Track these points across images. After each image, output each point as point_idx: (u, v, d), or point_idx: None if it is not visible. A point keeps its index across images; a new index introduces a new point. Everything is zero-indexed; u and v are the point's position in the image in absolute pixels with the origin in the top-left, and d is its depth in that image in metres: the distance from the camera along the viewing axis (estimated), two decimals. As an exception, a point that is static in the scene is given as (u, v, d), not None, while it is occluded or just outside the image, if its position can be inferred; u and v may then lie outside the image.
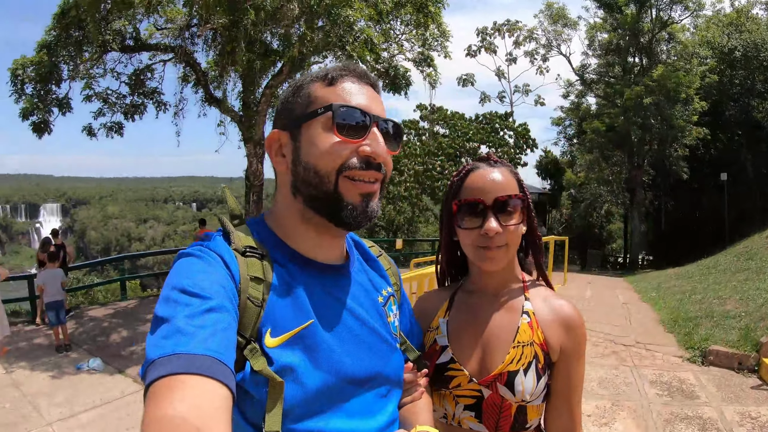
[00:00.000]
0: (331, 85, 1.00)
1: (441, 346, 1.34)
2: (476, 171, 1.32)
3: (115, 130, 14.30)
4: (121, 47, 12.99)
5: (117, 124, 14.30)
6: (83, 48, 12.23)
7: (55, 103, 13.03)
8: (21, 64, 12.78)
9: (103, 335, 9.42)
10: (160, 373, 0.70)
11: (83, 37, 11.98)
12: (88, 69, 13.32)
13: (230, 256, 0.91)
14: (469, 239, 1.29)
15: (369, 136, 0.97)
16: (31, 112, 12.84)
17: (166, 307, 0.80)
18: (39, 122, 12.96)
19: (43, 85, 12.83)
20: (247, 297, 0.89)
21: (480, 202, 1.26)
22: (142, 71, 14.11)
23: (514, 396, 1.24)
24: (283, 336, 0.91)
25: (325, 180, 0.95)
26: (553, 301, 1.35)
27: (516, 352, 1.26)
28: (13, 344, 8.45)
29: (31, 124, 12.99)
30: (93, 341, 8.98)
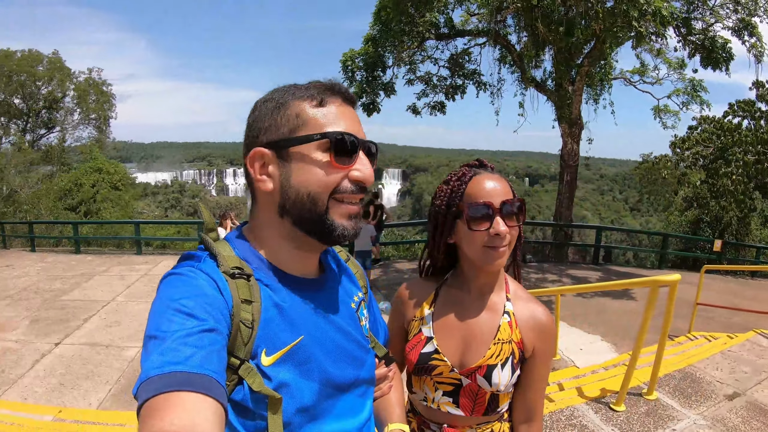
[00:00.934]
0: (321, 106, 1.00)
1: (426, 337, 1.45)
2: (479, 176, 1.39)
3: (438, 108, 16.20)
4: (436, 35, 14.69)
5: (439, 104, 16.19)
6: (403, 39, 13.81)
7: (381, 87, 15.17)
8: (350, 56, 15.07)
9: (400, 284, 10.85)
10: (158, 390, 0.71)
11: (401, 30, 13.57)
12: (410, 56, 15.19)
13: (222, 279, 0.92)
14: (478, 240, 1.35)
15: (358, 160, 1.00)
16: (360, 96, 15.10)
17: (162, 324, 0.81)
18: (368, 103, 15.22)
19: (370, 72, 15.05)
20: (240, 320, 0.90)
21: (489, 205, 1.33)
22: (459, 55, 15.59)
23: (490, 386, 1.38)
24: (277, 354, 0.94)
25: (318, 204, 0.98)
26: (531, 306, 1.47)
27: (496, 348, 1.38)
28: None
29: (361, 105, 15.21)
30: (390, 288, 10.51)
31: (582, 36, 12.22)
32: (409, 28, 13.43)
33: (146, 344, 0.80)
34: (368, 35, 14.64)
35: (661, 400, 3.80)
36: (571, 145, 13.88)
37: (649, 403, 3.74)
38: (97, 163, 28.91)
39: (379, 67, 14.91)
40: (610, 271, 11.97)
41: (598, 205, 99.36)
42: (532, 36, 13.20)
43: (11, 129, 32.25)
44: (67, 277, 11.66)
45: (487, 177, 1.38)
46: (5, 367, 6.50)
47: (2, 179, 27.05)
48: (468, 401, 1.42)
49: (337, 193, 0.98)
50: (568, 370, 5.54)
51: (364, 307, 1.24)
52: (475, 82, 15.95)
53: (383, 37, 14.10)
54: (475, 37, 15.18)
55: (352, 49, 15.14)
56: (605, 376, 4.61)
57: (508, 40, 14.36)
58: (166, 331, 0.79)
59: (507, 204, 1.34)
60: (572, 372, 5.35)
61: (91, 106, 33.48)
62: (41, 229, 20.93)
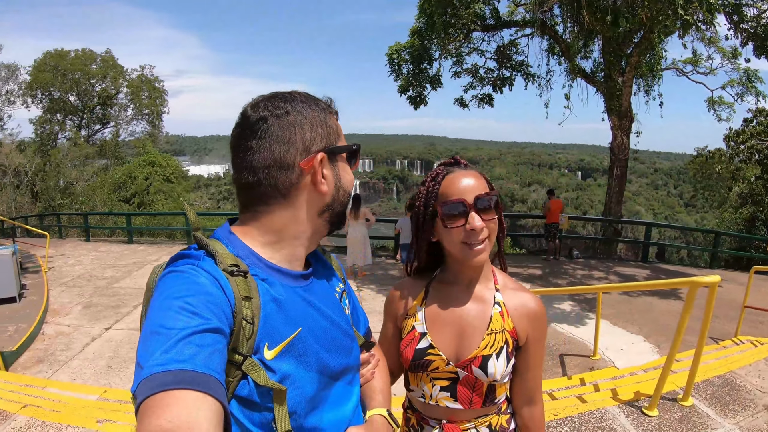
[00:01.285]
0: (337, 119, 1.16)
1: (420, 333, 1.47)
2: (452, 174, 1.41)
3: (486, 101, 16.04)
4: (482, 27, 14.50)
5: (487, 96, 16.01)
6: (449, 31, 13.70)
7: (427, 80, 15.08)
8: (396, 50, 15.05)
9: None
10: (159, 388, 0.72)
11: (446, 22, 13.45)
12: (457, 48, 15.06)
13: (222, 277, 0.93)
14: (456, 237, 1.37)
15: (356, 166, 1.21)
16: (407, 89, 15.01)
17: (166, 321, 0.81)
18: (415, 96, 15.18)
19: (416, 65, 14.99)
20: (242, 317, 0.92)
21: (462, 202, 1.35)
22: (506, 46, 15.40)
23: (487, 377, 1.39)
24: (278, 347, 0.97)
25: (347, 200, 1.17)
26: (520, 295, 1.48)
27: (490, 339, 1.40)
28: (371, 271, 10.91)
29: (408, 98, 15.21)
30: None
31: (629, 25, 11.87)
32: (454, 20, 13.36)
33: (147, 339, 0.80)
34: (414, 28, 14.67)
35: (697, 407, 3.64)
36: (621, 137, 13.49)
37: (684, 409, 3.60)
38: (150, 156, 29.89)
39: (426, 59, 14.94)
40: (659, 270, 11.58)
41: (652, 201, 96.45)
42: (578, 26, 12.98)
43: (67, 125, 33.92)
44: (120, 265, 12.19)
45: (461, 174, 1.40)
46: (57, 350, 6.83)
47: (59, 173, 28.39)
48: (465, 394, 1.43)
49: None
50: (606, 371, 5.41)
51: (345, 297, 1.29)
52: (523, 74, 15.77)
53: (429, 30, 14.08)
54: (522, 27, 14.97)
55: (398, 42, 15.21)
56: (642, 379, 4.47)
57: (555, 31, 14.08)
58: (171, 329, 0.79)
59: (482, 199, 1.35)
60: (611, 373, 5.22)
61: (144, 101, 34.76)
62: (96, 220, 21.82)
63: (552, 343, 6.59)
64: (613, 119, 13.46)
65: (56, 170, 28.76)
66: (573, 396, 4.15)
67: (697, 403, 3.69)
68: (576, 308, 8.27)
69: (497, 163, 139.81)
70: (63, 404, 4.36)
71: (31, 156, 30.33)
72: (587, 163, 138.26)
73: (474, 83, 15.99)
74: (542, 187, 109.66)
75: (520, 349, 1.45)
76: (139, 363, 0.77)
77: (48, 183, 28.38)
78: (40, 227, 18.58)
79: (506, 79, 15.81)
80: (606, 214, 14.28)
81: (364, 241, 10.28)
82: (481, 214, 1.34)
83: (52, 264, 12.21)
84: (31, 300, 8.77)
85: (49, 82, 31.49)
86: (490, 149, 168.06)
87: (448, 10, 13.15)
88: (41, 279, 10.17)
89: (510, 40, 15.44)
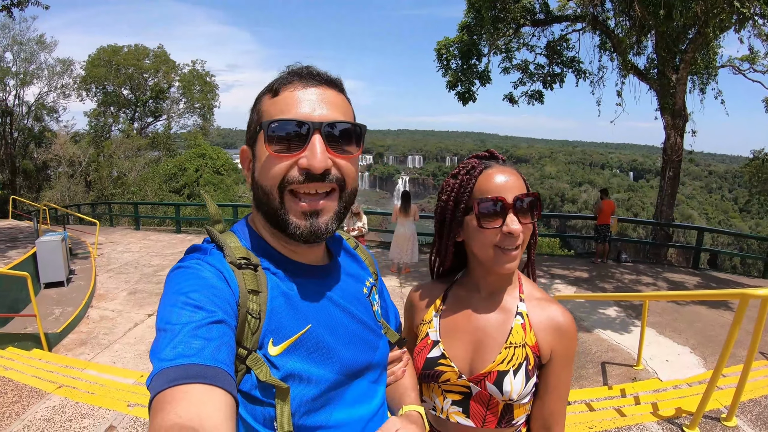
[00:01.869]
0: (276, 95, 0.97)
1: (433, 341, 1.35)
2: (490, 169, 1.27)
3: (536, 97, 15.73)
4: (532, 21, 14.19)
5: (537, 92, 15.72)
6: (498, 26, 13.43)
7: (476, 76, 14.86)
8: (444, 45, 14.89)
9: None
10: (169, 383, 0.72)
11: (495, 17, 13.21)
12: (506, 43, 14.81)
13: (228, 270, 0.92)
14: (489, 239, 1.24)
15: (308, 146, 0.93)
16: (455, 84, 14.84)
17: (172, 317, 0.81)
18: (463, 92, 14.96)
19: (465, 61, 14.77)
20: (247, 310, 0.90)
21: (501, 201, 1.22)
22: (556, 42, 15.04)
23: (502, 395, 1.25)
24: (284, 343, 0.93)
25: (271, 197, 0.95)
26: (547, 306, 1.32)
27: (507, 353, 1.26)
28: (415, 268, 10.69)
29: (456, 94, 15.04)
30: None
31: (683, 19, 11.34)
32: (503, 14, 13.15)
33: (157, 336, 0.81)
34: (463, 23, 14.52)
35: (740, 428, 3.41)
36: (675, 137, 12.88)
37: (727, 429, 3.38)
38: (201, 149, 30.72)
39: (474, 55, 14.74)
40: (709, 277, 11.05)
41: (705, 204, 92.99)
42: (631, 20, 12.53)
43: (120, 117, 35.36)
44: (167, 254, 12.51)
45: (499, 170, 1.26)
46: (100, 333, 7.06)
47: (112, 163, 29.48)
48: (479, 411, 1.30)
49: (285, 184, 0.94)
50: (649, 382, 5.18)
51: (375, 293, 1.22)
52: (574, 70, 15.44)
53: (477, 25, 13.88)
54: (573, 22, 14.59)
55: (446, 38, 15.08)
56: (686, 393, 4.26)
57: (607, 26, 13.61)
58: (176, 324, 0.80)
59: (520, 200, 1.23)
60: (653, 385, 5.00)
61: (196, 95, 35.77)
62: (146, 209, 22.48)
63: (594, 350, 6.37)
64: (666, 118, 12.90)
65: (109, 161, 29.91)
66: (612, 408, 3.99)
67: (741, 424, 3.47)
68: (621, 314, 7.96)
69: (548, 161, 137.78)
70: (99, 386, 4.49)
71: (85, 147, 31.75)
72: (640, 164, 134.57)
73: (524, 79, 15.72)
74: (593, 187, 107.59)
75: (542, 367, 1.31)
76: (150, 359, 0.79)
77: (101, 173, 29.56)
78: (92, 215, 19.30)
79: (557, 75, 15.49)
80: (657, 217, 13.73)
81: (413, 238, 10.19)
82: (519, 216, 1.22)
83: (102, 251, 12.65)
84: (79, 285, 9.09)
85: (103, 76, 32.89)
86: (541, 147, 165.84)
87: (497, 5, 12.94)
88: (90, 265, 10.54)
89: (560, 36, 15.07)
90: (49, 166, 32.01)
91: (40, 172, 32.18)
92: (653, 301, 7.47)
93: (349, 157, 0.99)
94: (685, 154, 13.81)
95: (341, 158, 0.97)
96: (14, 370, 4.48)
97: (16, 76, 29.94)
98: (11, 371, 4.41)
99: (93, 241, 12.71)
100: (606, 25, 13.66)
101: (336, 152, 0.96)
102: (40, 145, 31.96)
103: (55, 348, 6.45)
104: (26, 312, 7.26)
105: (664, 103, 12.75)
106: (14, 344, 6.16)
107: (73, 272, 9.83)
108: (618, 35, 13.29)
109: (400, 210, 9.98)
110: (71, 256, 10.82)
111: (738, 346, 3.28)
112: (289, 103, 0.95)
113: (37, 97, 31.84)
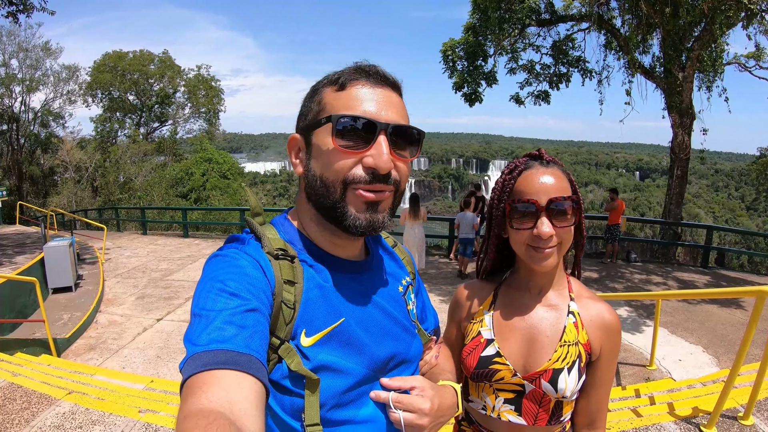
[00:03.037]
0: (341, 90, 0.97)
1: (487, 340, 1.36)
2: (529, 170, 1.28)
3: (542, 98, 15.70)
4: (537, 21, 14.14)
5: (543, 93, 15.69)
6: (503, 26, 13.43)
7: (482, 77, 14.80)
8: (450, 46, 14.85)
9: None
10: (201, 367, 0.73)
11: (501, 17, 13.18)
12: (512, 44, 14.77)
13: (265, 260, 0.93)
14: (522, 238, 1.26)
15: (374, 146, 0.94)
16: (462, 86, 14.79)
17: (207, 304, 0.83)
18: (470, 93, 14.90)
19: (471, 62, 14.73)
20: (282, 300, 0.92)
21: (534, 204, 1.23)
22: (562, 42, 15.00)
23: (556, 393, 1.27)
24: (317, 335, 0.94)
25: (331, 190, 0.95)
26: (596, 305, 1.35)
27: (562, 351, 1.28)
28: (423, 271, 10.71)
29: (462, 95, 15.00)
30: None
31: (689, 17, 11.30)
32: (508, 15, 13.14)
33: (191, 322, 0.82)
34: (468, 23, 14.51)
35: (758, 427, 3.37)
36: (682, 136, 12.83)
37: (744, 428, 3.33)
38: (207, 153, 30.69)
39: (480, 56, 14.72)
40: (719, 276, 10.96)
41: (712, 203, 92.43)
42: (636, 18, 12.55)
43: (126, 123, 35.45)
44: (174, 258, 12.51)
45: (539, 171, 1.27)
46: (109, 338, 7.04)
47: (118, 168, 29.56)
48: (531, 409, 1.32)
49: (351, 182, 0.95)
50: (663, 382, 5.12)
51: (411, 292, 1.23)
52: (580, 70, 15.41)
53: (483, 25, 13.89)
54: (578, 22, 14.58)
55: (452, 39, 15.08)
56: (701, 393, 4.20)
57: (612, 25, 13.61)
58: (211, 310, 0.81)
59: (556, 202, 1.23)
60: (667, 384, 4.95)
61: (201, 100, 35.85)
62: (153, 214, 22.50)
63: (605, 350, 6.31)
64: (673, 117, 12.84)
65: (115, 166, 30.01)
66: (627, 408, 3.95)
67: (759, 423, 3.42)
68: (633, 314, 7.89)
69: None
70: (109, 392, 4.46)
71: (92, 152, 31.88)
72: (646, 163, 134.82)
73: (530, 79, 15.71)
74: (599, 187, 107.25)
75: (590, 365, 1.34)
76: (184, 344, 0.80)
77: (107, 178, 29.64)
78: (99, 221, 19.38)
79: (563, 75, 15.46)
80: (665, 217, 13.65)
81: (422, 242, 10.25)
82: (553, 218, 1.23)
83: (109, 256, 12.66)
84: (87, 290, 9.09)
85: (108, 82, 32.94)
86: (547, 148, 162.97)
87: (503, 5, 12.93)
88: (97, 270, 10.55)
89: (566, 35, 15.04)
90: (56, 172, 32.22)
91: (47, 178, 32.34)
92: (664, 301, 7.39)
93: (406, 161, 1.01)
94: (696, 153, 13.76)
95: (400, 161, 0.99)
96: (23, 376, 4.46)
97: (22, 83, 30.11)
98: (20, 377, 4.39)
99: (100, 246, 12.73)
100: (611, 24, 13.64)
101: (396, 155, 0.97)
102: (47, 151, 32.14)
103: (63, 353, 6.44)
104: (34, 317, 7.27)
105: (672, 102, 12.68)
106: (23, 350, 6.15)
107: (81, 277, 9.84)
108: (624, 34, 13.26)
109: (410, 213, 10.01)
110: (79, 261, 10.83)
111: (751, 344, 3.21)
112: (356, 99, 0.96)
113: (43, 103, 32.08)
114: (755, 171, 22.16)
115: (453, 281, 10.17)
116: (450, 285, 9.84)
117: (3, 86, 29.40)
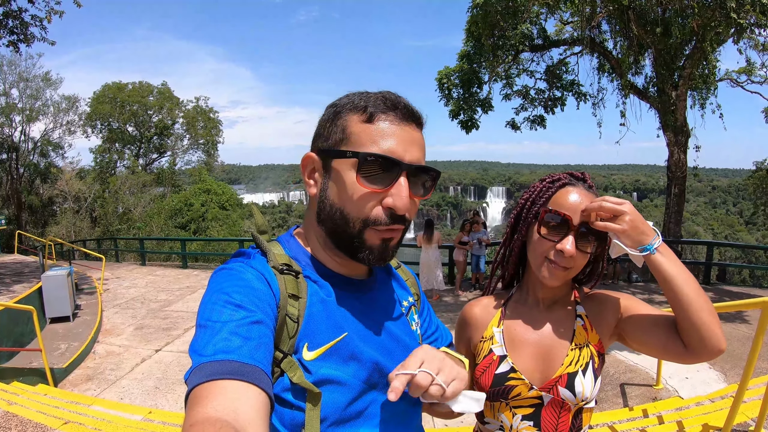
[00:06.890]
0: (368, 122, 0.96)
1: (499, 356, 1.34)
2: (572, 187, 1.29)
3: (538, 122, 15.80)
4: (531, 47, 14.33)
5: (539, 117, 15.78)
6: (497, 53, 13.58)
7: (478, 104, 14.85)
8: (445, 74, 14.96)
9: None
10: (206, 377, 0.73)
11: (494, 44, 13.31)
12: (506, 70, 14.93)
13: (270, 274, 0.94)
14: (542, 248, 1.26)
15: (394, 186, 0.95)
16: (458, 113, 14.88)
17: (213, 315, 0.83)
18: (466, 120, 14.94)
19: (467, 89, 14.79)
20: (286, 314, 0.92)
21: (567, 220, 1.23)
22: (556, 66, 15.15)
23: (575, 397, 1.25)
24: (319, 349, 0.94)
25: (350, 225, 0.96)
26: (597, 296, 1.38)
27: (574, 354, 1.28)
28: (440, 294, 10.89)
29: (459, 122, 15.07)
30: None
31: (680, 35, 11.51)
32: (502, 41, 13.28)
33: (197, 334, 0.83)
34: (462, 51, 14.58)
35: (769, 441, 3.29)
36: (678, 154, 12.87)
37: (756, 442, 3.26)
38: (206, 184, 30.86)
39: (475, 83, 14.73)
40: (722, 291, 10.92)
41: (711, 220, 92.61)
42: (628, 40, 12.72)
43: (125, 154, 35.63)
44: (173, 289, 12.39)
45: (581, 191, 1.28)
46: (107, 369, 6.93)
47: (117, 199, 29.63)
48: (551, 421, 1.29)
49: (371, 222, 0.96)
50: (671, 401, 5.04)
51: (414, 312, 1.23)
52: (575, 93, 15.50)
53: (477, 53, 13.97)
54: (570, 46, 14.75)
55: (447, 67, 15.12)
56: (710, 410, 4.14)
57: (604, 47, 13.78)
58: (217, 321, 0.82)
59: (586, 226, 1.24)
60: (675, 403, 4.87)
61: (200, 131, 36.14)
62: (152, 244, 22.45)
63: (612, 372, 6.22)
64: (668, 135, 12.90)
65: (114, 197, 30.05)
66: (636, 429, 3.88)
67: (771, 437, 3.34)
68: (634, 333, 7.81)
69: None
70: (106, 423, 4.38)
71: (91, 183, 31.92)
72: (642, 184, 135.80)
73: (525, 105, 15.80)
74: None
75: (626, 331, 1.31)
76: (190, 355, 0.80)
77: (106, 209, 29.66)
78: (98, 251, 19.28)
79: (557, 99, 15.55)
80: (665, 235, 13.61)
81: (437, 265, 10.66)
82: (579, 240, 1.23)
83: (108, 286, 12.56)
84: (85, 320, 9.00)
85: (108, 113, 33.24)
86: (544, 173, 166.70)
87: (496, 32, 13.04)
88: (96, 300, 10.45)
89: (559, 60, 15.19)
90: (55, 202, 32.18)
91: (46, 208, 32.31)
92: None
93: (420, 199, 1.01)
94: (690, 170, 13.76)
95: (415, 198, 0.99)
96: (19, 405, 4.40)
97: (22, 113, 30.27)
98: (16, 406, 4.32)
99: (99, 276, 12.64)
100: (603, 46, 13.82)
101: (414, 194, 0.98)
102: (46, 181, 32.15)
103: (60, 383, 6.34)
104: (32, 346, 7.18)
105: (666, 121, 12.77)
106: (19, 379, 6.07)
107: (79, 307, 9.75)
108: (616, 56, 13.45)
109: (424, 238, 10.46)
110: (77, 291, 10.76)
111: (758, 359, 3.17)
112: (383, 135, 0.95)
113: (43, 133, 32.17)
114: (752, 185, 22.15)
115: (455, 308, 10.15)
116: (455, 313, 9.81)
117: (3, 115, 29.55)
